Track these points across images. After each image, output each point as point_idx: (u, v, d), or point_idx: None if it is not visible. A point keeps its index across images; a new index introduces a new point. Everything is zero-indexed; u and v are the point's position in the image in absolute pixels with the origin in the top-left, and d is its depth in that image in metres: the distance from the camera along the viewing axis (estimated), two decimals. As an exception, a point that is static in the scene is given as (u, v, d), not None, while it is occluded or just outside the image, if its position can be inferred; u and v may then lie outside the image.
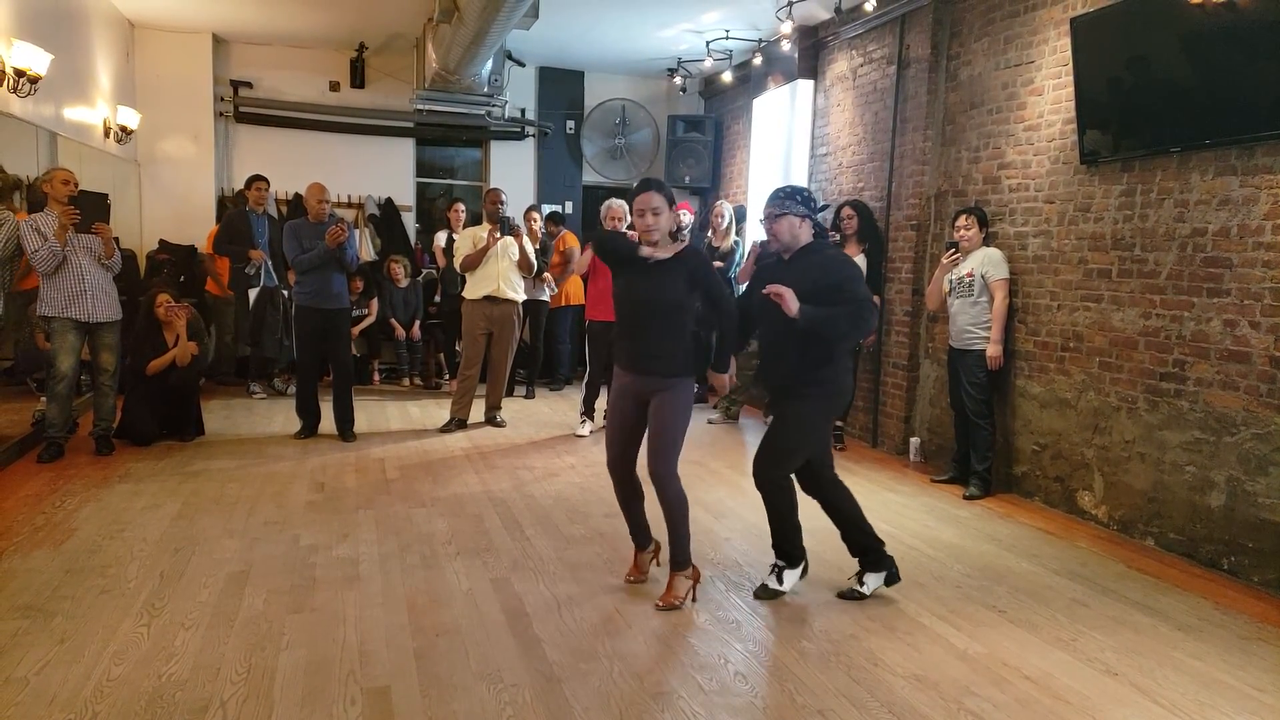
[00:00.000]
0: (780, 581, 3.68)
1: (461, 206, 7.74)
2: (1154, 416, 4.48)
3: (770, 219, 3.59)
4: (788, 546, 3.69)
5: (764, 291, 3.44)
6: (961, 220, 5.37)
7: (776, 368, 3.59)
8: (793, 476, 3.65)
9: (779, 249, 3.64)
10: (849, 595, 3.68)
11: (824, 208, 3.76)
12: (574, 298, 8.28)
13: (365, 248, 8.70)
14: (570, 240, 8.30)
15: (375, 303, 8.38)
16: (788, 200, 3.56)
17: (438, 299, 8.72)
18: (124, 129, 7.65)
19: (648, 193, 3.46)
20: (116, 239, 5.50)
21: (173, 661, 2.91)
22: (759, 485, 3.64)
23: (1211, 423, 4.19)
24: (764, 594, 3.67)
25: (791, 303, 3.35)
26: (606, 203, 6.67)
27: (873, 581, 3.70)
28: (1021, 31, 5.35)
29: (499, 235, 6.52)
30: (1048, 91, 5.16)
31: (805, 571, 3.77)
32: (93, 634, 3.08)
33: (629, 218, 6.54)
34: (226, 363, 8.25)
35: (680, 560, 3.56)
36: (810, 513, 3.71)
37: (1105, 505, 4.76)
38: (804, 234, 3.57)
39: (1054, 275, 5.11)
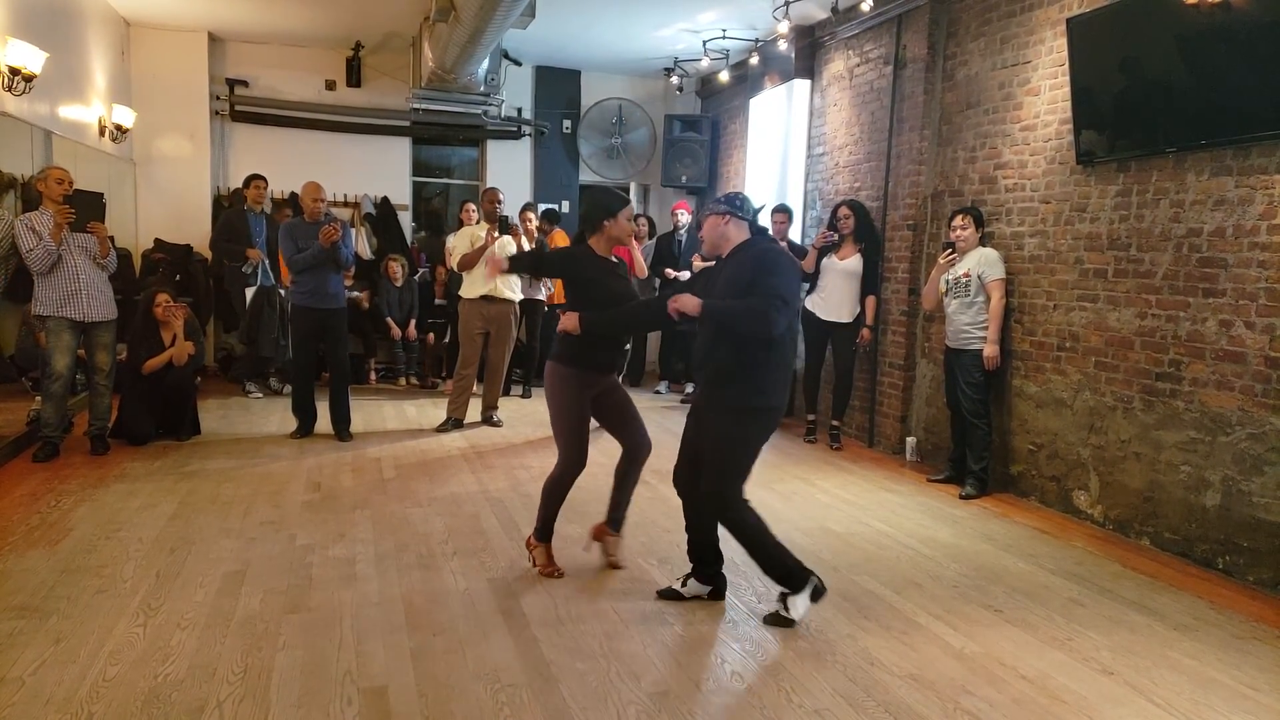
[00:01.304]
0: (683, 585, 3.61)
1: (473, 206, 7.68)
2: (1150, 416, 4.49)
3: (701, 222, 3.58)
4: (782, 567, 3.41)
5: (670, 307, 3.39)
6: (958, 220, 5.37)
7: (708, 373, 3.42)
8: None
9: (709, 251, 3.58)
10: (669, 595, 3.61)
11: (760, 210, 3.62)
12: (560, 297, 8.29)
13: (362, 246, 8.69)
14: (560, 240, 8.29)
15: (368, 292, 8.40)
16: (712, 201, 3.55)
17: (442, 301, 8.68)
18: (119, 128, 7.63)
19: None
20: (112, 238, 5.49)
21: (169, 662, 2.91)
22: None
23: (1207, 422, 4.20)
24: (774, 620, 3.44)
25: (687, 304, 3.32)
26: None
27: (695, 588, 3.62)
28: (1018, 32, 5.36)
29: (497, 234, 6.52)
30: (1044, 92, 5.17)
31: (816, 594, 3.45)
32: (88, 634, 3.08)
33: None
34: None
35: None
36: (797, 515, 3.70)
37: (1101, 505, 4.77)
38: (732, 232, 3.45)
39: (1050, 275, 5.12)
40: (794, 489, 5.37)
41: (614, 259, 3.89)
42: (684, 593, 3.61)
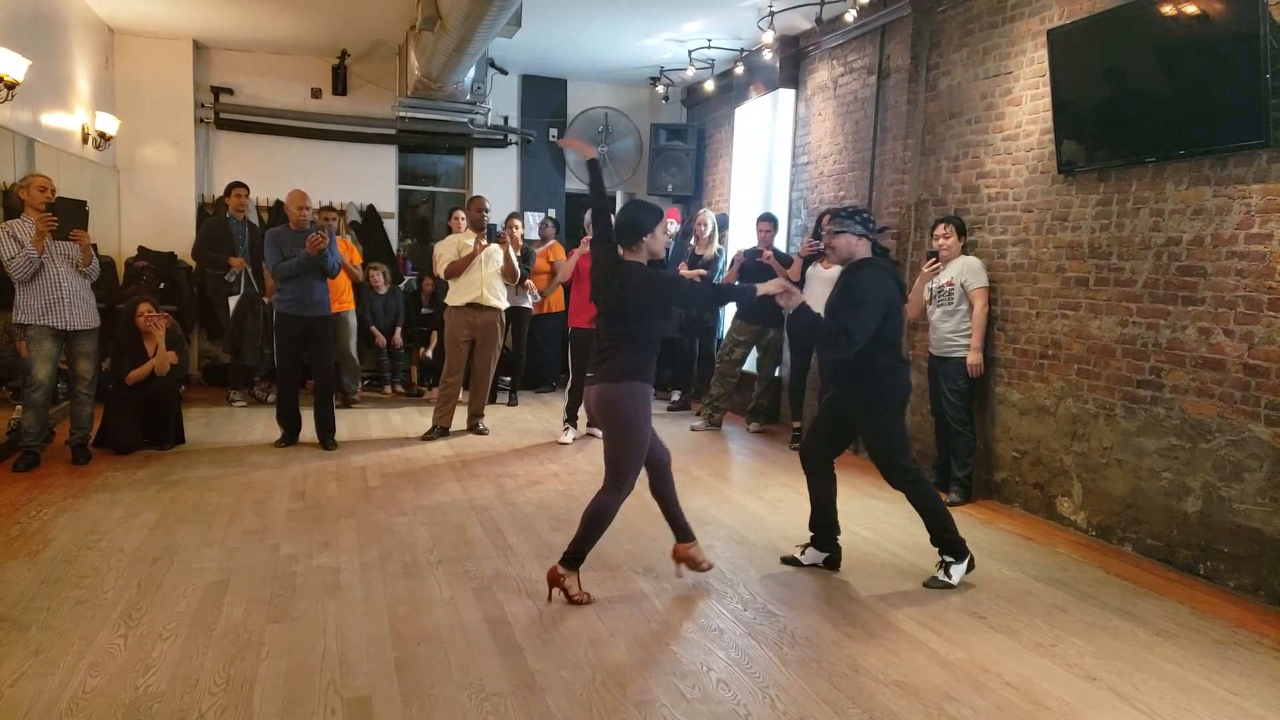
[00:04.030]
0: (949, 574, 3.94)
1: (462, 214, 7.65)
2: (1131, 423, 4.53)
3: (829, 235, 4.00)
4: (947, 535, 3.94)
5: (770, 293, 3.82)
6: (940, 229, 5.41)
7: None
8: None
9: (835, 260, 4.07)
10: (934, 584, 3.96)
11: (882, 229, 4.14)
12: (553, 305, 8.33)
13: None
14: (558, 252, 8.31)
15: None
16: (846, 219, 3.94)
17: (429, 310, 8.64)
18: (103, 135, 7.59)
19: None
20: (94, 246, 5.45)
21: (150, 673, 2.88)
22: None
23: (1187, 429, 4.24)
24: (933, 584, 3.94)
25: (793, 300, 3.88)
26: (589, 210, 6.69)
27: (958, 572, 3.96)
28: (1000, 43, 5.41)
29: (486, 242, 6.52)
30: (1025, 102, 5.22)
31: (970, 566, 4.00)
32: (68, 645, 3.05)
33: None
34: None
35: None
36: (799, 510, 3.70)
37: (1084, 511, 4.81)
38: (860, 249, 3.92)
39: (1032, 283, 5.16)
40: (780, 496, 5.38)
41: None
42: (802, 560, 4.14)
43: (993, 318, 5.37)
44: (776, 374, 7.41)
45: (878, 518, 4.99)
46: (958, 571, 3.93)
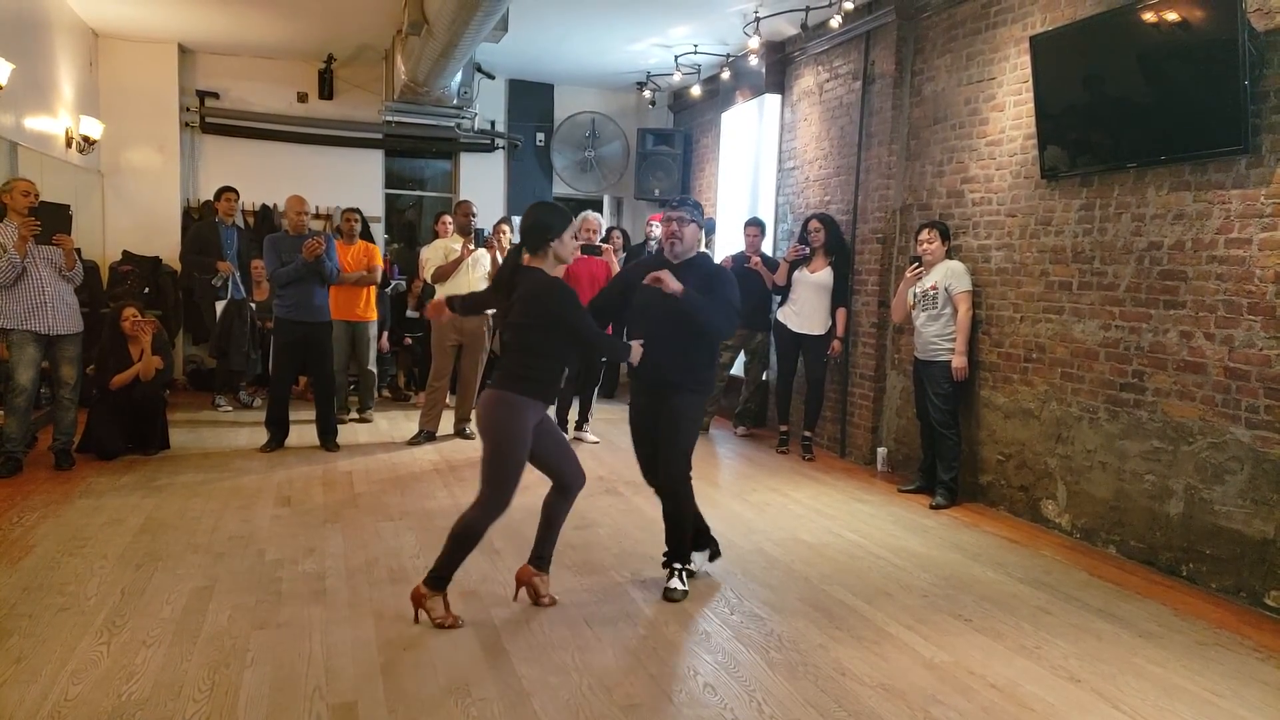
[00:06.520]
0: (684, 580, 3.83)
1: (448, 219, 7.63)
2: (1114, 426, 4.57)
3: (680, 223, 3.73)
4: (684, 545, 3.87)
5: (646, 281, 3.56)
6: (924, 234, 5.44)
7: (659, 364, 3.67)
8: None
9: (681, 250, 3.75)
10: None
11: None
12: None
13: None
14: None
15: None
16: (689, 208, 3.78)
17: (414, 314, 8.61)
18: (87, 139, 7.55)
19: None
20: (78, 250, 5.42)
21: (133, 680, 2.86)
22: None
23: (1169, 432, 4.27)
24: (677, 596, 3.76)
25: (671, 283, 3.50)
26: (580, 215, 6.71)
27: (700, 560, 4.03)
28: (983, 49, 5.45)
29: (473, 247, 6.52)
30: (1009, 107, 5.26)
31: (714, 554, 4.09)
32: (51, 653, 3.03)
33: (603, 230, 6.60)
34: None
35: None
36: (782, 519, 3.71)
37: (1068, 514, 4.84)
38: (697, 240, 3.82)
39: (1016, 287, 5.19)
40: (767, 500, 5.39)
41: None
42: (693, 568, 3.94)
43: (977, 322, 5.41)
44: (764, 378, 7.43)
45: (864, 521, 5.01)
46: (700, 559, 4.02)
